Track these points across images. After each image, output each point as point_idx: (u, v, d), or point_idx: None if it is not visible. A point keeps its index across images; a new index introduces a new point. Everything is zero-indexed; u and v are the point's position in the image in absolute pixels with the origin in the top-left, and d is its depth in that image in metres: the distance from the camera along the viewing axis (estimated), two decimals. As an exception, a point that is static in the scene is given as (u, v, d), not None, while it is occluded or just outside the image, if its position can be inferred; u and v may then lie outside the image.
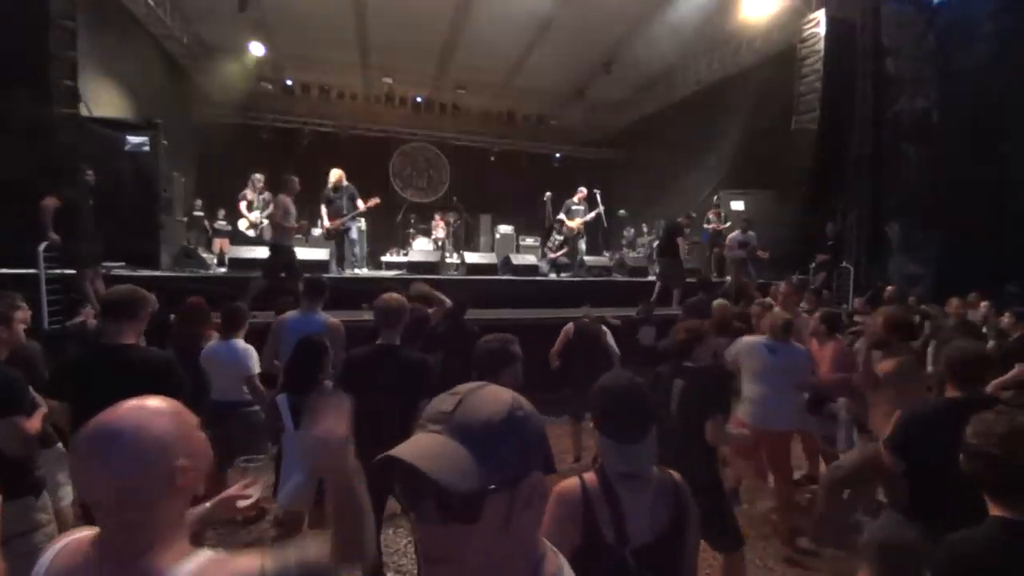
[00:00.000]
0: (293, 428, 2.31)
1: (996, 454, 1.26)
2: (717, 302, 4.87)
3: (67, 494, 2.50)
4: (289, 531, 2.55)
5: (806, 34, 8.26)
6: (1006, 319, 5.16)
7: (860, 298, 7.99)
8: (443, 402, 0.66)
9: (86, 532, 0.87)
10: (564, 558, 0.74)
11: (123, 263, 6.28)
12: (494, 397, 0.66)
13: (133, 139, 6.49)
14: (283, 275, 5.62)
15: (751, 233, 8.45)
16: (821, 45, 7.97)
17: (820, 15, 8.07)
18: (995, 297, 6.83)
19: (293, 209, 5.73)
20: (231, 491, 1.29)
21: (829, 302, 6.91)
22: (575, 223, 9.13)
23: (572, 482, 1.37)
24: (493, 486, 0.60)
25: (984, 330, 6.81)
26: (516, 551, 0.66)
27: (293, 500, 2.32)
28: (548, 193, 10.26)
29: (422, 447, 0.61)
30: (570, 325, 4.97)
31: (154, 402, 0.89)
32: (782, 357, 3.47)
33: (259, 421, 3.02)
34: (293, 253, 5.91)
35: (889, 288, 6.70)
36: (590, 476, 1.38)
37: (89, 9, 7.13)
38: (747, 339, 3.74)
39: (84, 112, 6.76)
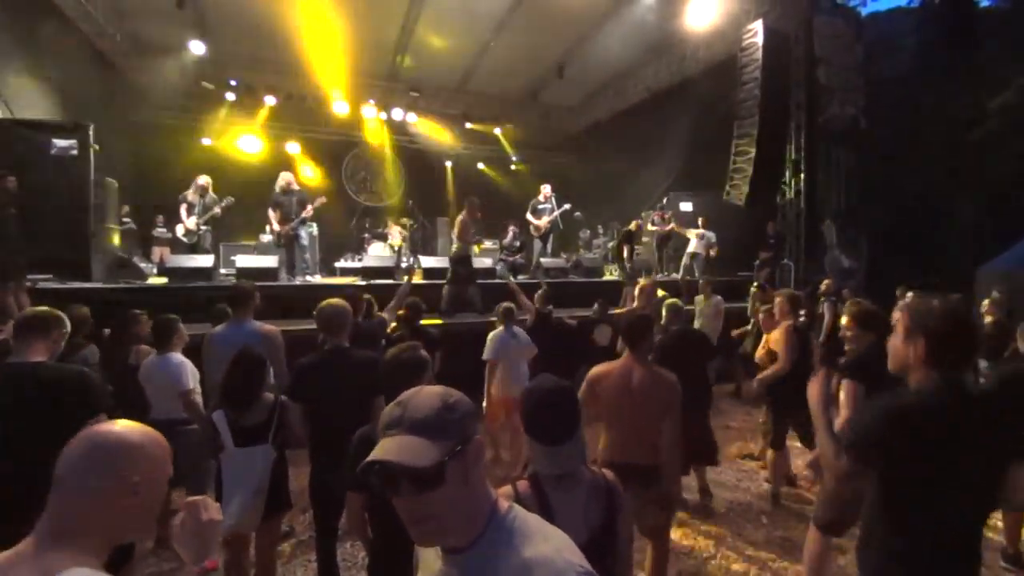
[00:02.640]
0: (233, 446, 2.23)
1: (940, 328, 1.45)
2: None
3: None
4: (236, 551, 2.46)
5: (745, 43, 8.65)
6: None
7: (800, 292, 8.48)
8: (392, 412, 0.84)
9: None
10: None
11: (50, 275, 5.87)
12: (428, 394, 0.86)
13: (60, 142, 6.07)
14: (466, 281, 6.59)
15: (710, 233, 8.90)
16: (759, 54, 8.36)
17: (758, 26, 8.46)
18: (920, 289, 7.37)
19: (472, 227, 6.86)
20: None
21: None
22: (543, 222, 9.27)
23: (505, 490, 1.39)
24: (447, 457, 0.80)
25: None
26: (476, 498, 0.86)
27: (238, 520, 2.24)
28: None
29: (389, 447, 0.80)
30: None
31: (138, 426, 0.94)
32: (518, 339, 4.45)
33: (198, 439, 2.89)
34: (470, 261, 6.93)
35: (826, 282, 7.12)
36: (523, 483, 1.40)
37: (10, 4, 6.66)
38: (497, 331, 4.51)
39: (4, 114, 6.31)
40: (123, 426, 0.92)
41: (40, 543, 0.84)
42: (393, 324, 4.45)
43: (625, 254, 8.52)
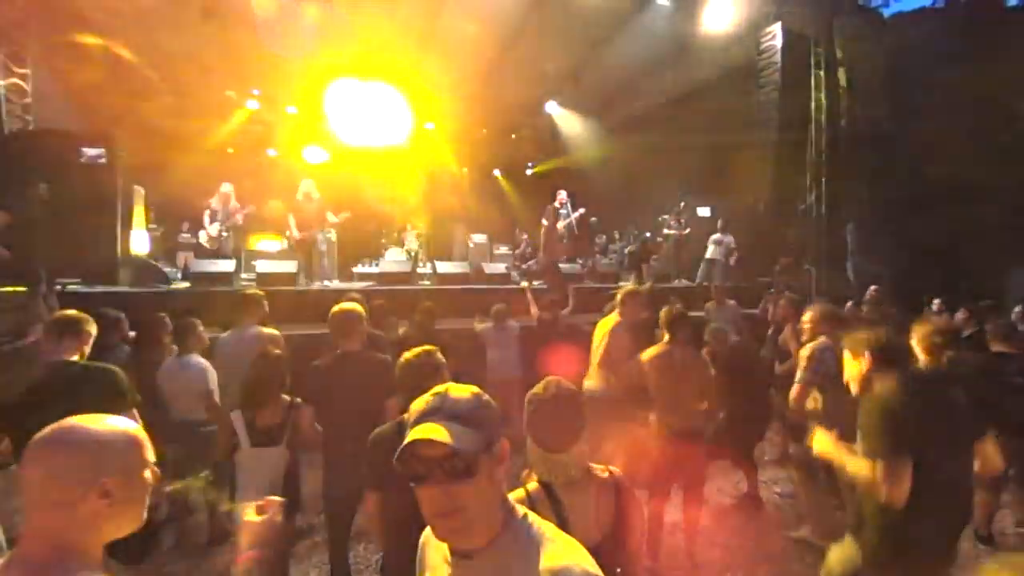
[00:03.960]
0: (249, 445, 2.27)
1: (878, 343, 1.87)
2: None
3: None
4: (251, 550, 2.50)
5: (763, 47, 8.56)
6: (960, 315, 5.37)
7: (821, 299, 8.28)
8: (430, 402, 0.85)
9: None
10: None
11: (79, 279, 6.05)
12: (463, 389, 0.88)
13: (89, 151, 6.28)
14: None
15: (729, 236, 8.71)
16: (778, 57, 8.26)
17: (776, 28, 8.37)
18: (949, 294, 7.14)
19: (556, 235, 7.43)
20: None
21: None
22: (558, 227, 9.25)
23: (517, 493, 1.39)
24: (485, 446, 0.82)
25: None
26: (497, 498, 0.86)
27: (252, 519, 2.26)
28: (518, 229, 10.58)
29: (431, 429, 0.80)
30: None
31: (112, 419, 0.90)
32: (507, 331, 5.30)
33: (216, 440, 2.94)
34: (557, 268, 7.35)
35: (873, 289, 6.86)
36: (534, 486, 1.39)
37: (42, 18, 6.92)
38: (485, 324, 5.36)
39: (37, 124, 6.55)
40: (86, 423, 0.86)
41: (29, 559, 0.79)
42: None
43: (644, 272, 8.49)
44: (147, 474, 0.90)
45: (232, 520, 2.44)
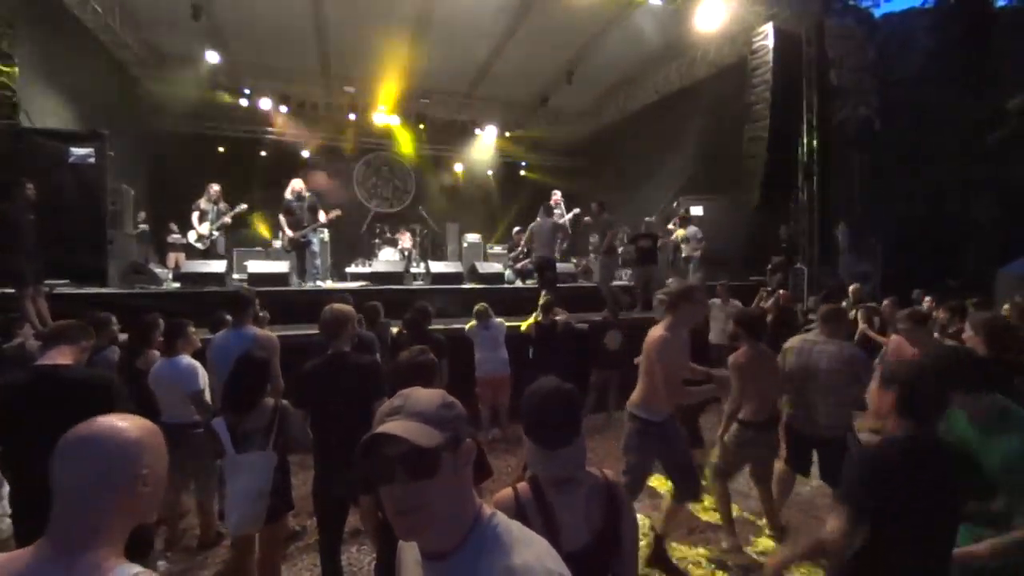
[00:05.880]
0: (233, 452, 2.24)
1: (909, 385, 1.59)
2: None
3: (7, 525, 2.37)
4: (241, 553, 2.48)
5: (755, 46, 8.58)
6: (941, 314, 5.37)
7: (814, 297, 8.34)
8: (392, 404, 0.87)
9: (8, 554, 0.90)
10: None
11: (67, 280, 5.98)
12: (427, 392, 0.90)
13: (77, 151, 6.19)
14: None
15: (692, 228, 8.66)
16: (770, 57, 8.28)
17: (768, 28, 8.39)
18: (938, 291, 7.21)
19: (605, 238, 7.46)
20: None
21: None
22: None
23: (506, 493, 1.38)
24: (445, 442, 0.82)
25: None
26: (463, 499, 0.86)
27: (242, 523, 2.25)
28: (517, 227, 10.56)
29: (392, 426, 0.81)
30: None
31: (127, 417, 0.99)
32: (492, 330, 5.30)
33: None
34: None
35: (853, 287, 6.89)
36: (523, 486, 1.38)
37: (32, 16, 6.83)
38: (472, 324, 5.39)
39: (25, 123, 6.46)
40: (119, 422, 0.94)
41: (62, 545, 0.85)
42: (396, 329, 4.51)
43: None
44: (166, 469, 1.00)
45: (223, 524, 2.42)
